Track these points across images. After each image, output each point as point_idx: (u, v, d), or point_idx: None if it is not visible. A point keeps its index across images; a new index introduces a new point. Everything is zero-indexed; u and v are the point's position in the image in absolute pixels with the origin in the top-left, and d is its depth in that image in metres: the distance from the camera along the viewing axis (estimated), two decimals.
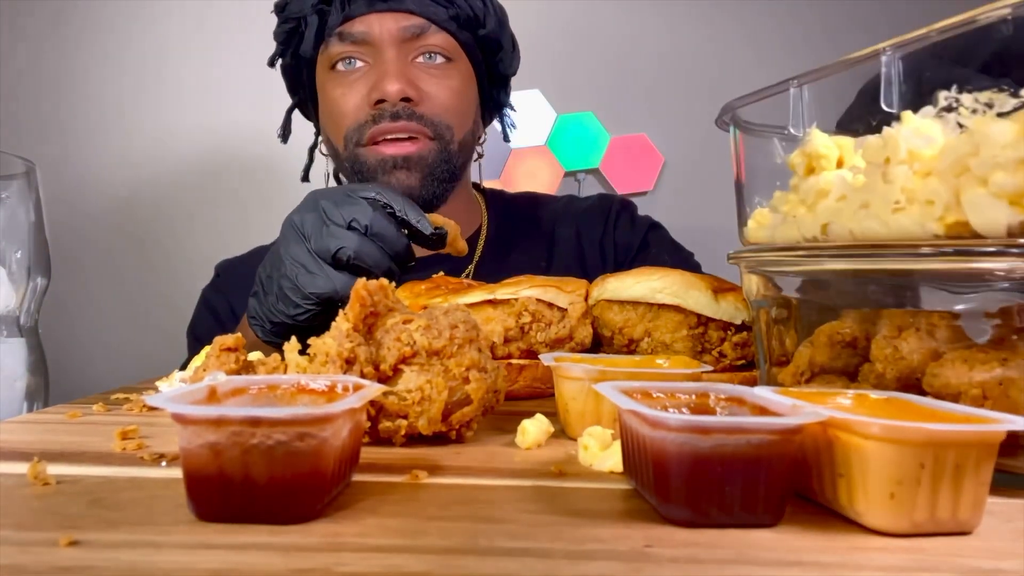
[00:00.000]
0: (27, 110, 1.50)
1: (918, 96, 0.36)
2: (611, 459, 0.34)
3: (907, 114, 0.36)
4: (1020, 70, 0.38)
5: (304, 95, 0.91)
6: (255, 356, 0.47)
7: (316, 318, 0.59)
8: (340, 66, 0.82)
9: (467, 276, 0.91)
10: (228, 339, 0.45)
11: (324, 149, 0.92)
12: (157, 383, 0.54)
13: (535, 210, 1.01)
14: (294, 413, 0.26)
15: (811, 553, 0.25)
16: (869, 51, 0.37)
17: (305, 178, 0.97)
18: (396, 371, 0.38)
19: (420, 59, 0.82)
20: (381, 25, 0.80)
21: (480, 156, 0.94)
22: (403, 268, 0.60)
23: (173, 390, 0.29)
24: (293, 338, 0.39)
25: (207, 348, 0.47)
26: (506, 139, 1.01)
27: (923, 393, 0.35)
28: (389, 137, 0.80)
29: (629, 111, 1.55)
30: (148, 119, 1.53)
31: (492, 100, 0.93)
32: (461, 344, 0.39)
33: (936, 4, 0.70)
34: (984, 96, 0.34)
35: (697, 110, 1.34)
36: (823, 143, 0.41)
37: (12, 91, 1.50)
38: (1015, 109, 0.32)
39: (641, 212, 1.04)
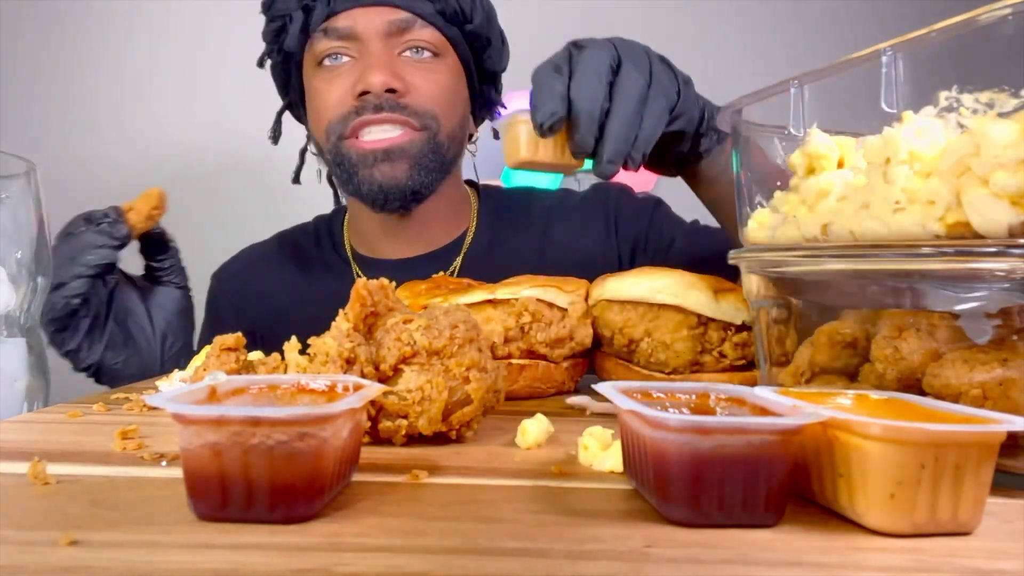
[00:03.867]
0: (27, 110, 1.50)
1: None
2: (611, 459, 0.34)
3: (908, 114, 0.35)
4: None
5: (294, 96, 0.90)
6: (255, 356, 0.48)
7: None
8: (327, 62, 0.81)
9: (452, 275, 0.90)
10: (228, 339, 0.45)
11: (313, 149, 0.91)
12: (157, 383, 0.54)
13: (529, 206, 0.98)
14: (294, 413, 0.26)
15: (811, 553, 0.25)
16: (869, 51, 0.37)
17: (296, 180, 0.96)
18: (396, 371, 0.38)
19: (407, 53, 0.81)
20: (366, 19, 0.79)
21: (473, 154, 0.92)
22: (121, 245, 0.72)
23: (173, 390, 0.29)
24: (293, 338, 0.39)
25: (207, 348, 0.47)
26: (497, 137, 0.98)
27: (923, 393, 0.35)
28: (372, 130, 0.78)
29: None
30: (149, 119, 1.53)
31: (482, 97, 0.91)
32: (461, 344, 0.39)
33: (936, 4, 0.70)
34: (985, 96, 0.34)
35: None
36: (823, 143, 0.41)
37: (12, 91, 1.50)
38: (1016, 109, 0.32)
39: None
